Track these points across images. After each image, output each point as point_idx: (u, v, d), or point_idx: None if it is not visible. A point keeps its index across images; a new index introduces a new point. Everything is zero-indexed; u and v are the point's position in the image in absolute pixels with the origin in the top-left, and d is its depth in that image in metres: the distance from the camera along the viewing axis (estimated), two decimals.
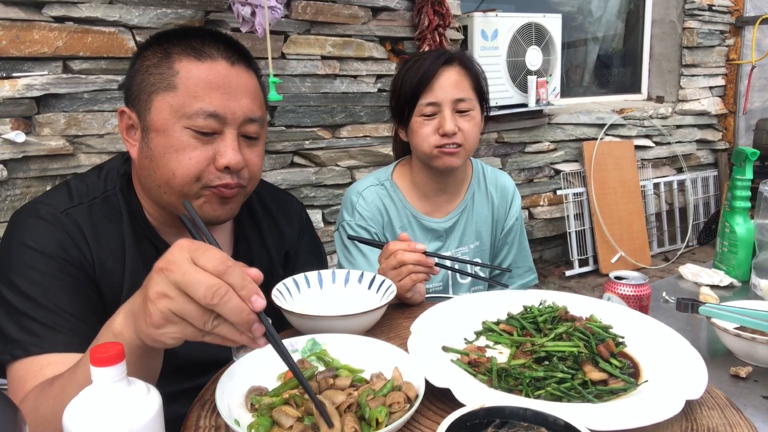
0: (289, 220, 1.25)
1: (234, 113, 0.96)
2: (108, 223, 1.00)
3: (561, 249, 4.23)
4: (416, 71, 1.44)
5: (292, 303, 1.08)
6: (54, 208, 0.98)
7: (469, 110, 1.44)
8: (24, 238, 0.95)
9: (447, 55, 1.45)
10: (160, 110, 0.94)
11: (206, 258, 0.65)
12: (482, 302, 1.10)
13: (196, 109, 0.93)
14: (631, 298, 1.22)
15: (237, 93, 0.96)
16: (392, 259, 1.16)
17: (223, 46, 0.98)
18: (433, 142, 1.43)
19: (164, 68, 0.95)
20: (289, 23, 2.81)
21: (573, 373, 0.85)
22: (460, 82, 1.43)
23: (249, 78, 1.00)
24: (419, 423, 0.77)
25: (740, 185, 1.67)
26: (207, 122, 0.94)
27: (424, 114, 1.44)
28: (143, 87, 0.96)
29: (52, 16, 2.28)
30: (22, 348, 0.88)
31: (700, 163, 4.88)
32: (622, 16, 4.76)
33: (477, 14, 3.43)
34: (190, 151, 0.94)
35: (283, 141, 2.92)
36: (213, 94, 0.94)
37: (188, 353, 1.04)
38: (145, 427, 0.64)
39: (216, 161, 0.95)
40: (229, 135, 0.96)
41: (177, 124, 0.94)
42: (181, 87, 0.94)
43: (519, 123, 3.79)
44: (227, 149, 0.95)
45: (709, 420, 0.79)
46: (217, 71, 0.95)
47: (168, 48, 0.96)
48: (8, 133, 2.21)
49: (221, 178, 0.96)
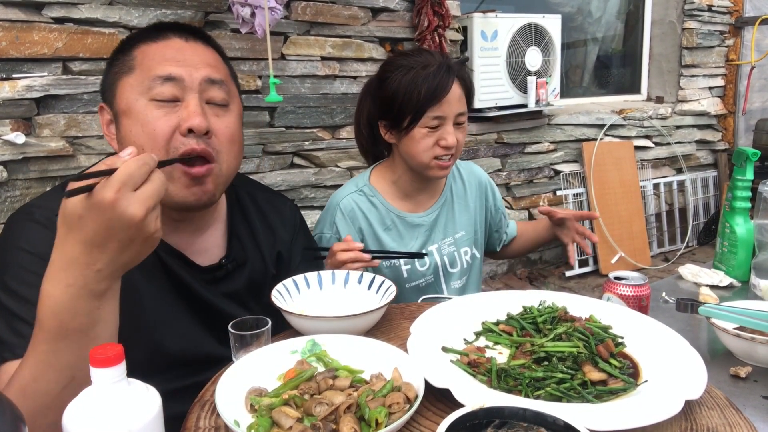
0: (282, 221, 1.26)
1: (191, 75, 0.97)
2: None
3: (561, 249, 4.23)
4: (424, 82, 1.42)
5: (291, 304, 1.08)
6: (49, 211, 0.97)
7: (464, 123, 1.51)
8: (19, 241, 0.95)
9: (452, 69, 1.46)
10: (123, 92, 0.97)
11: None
12: (482, 303, 1.10)
13: (152, 77, 0.95)
14: (630, 298, 1.23)
15: (193, 60, 0.98)
16: (334, 259, 1.29)
17: (178, 29, 1.02)
18: (433, 154, 1.47)
19: (125, 57, 0.99)
20: (289, 24, 2.82)
21: (572, 374, 0.85)
22: (461, 97, 1.48)
23: (207, 50, 1.02)
24: (419, 423, 0.77)
25: (740, 185, 1.68)
26: (164, 87, 0.95)
27: (429, 126, 1.45)
28: (111, 80, 1.00)
29: (51, 17, 2.28)
30: (10, 350, 0.88)
31: (700, 164, 4.88)
32: (622, 17, 4.76)
33: (476, 15, 3.43)
34: (154, 122, 0.94)
35: (282, 142, 2.92)
36: (168, 62, 0.96)
37: (182, 350, 1.05)
38: (145, 428, 0.64)
39: (180, 127, 0.95)
40: (191, 100, 0.96)
41: (139, 101, 0.95)
42: (138, 66, 0.97)
43: (518, 124, 3.79)
44: (189, 113, 0.95)
45: (709, 420, 0.79)
46: (171, 45, 0.98)
47: (130, 43, 1.01)
48: (8, 134, 2.21)
49: (186, 144, 0.95)
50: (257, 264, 1.18)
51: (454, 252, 1.65)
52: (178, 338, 1.05)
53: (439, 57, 1.49)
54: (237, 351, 0.92)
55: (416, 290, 1.59)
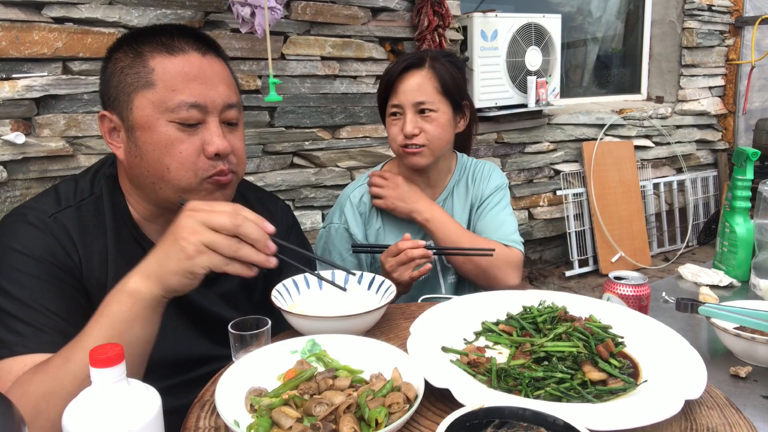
0: (274, 220, 1.25)
1: (214, 101, 0.99)
2: (95, 225, 1.03)
3: (561, 249, 4.23)
4: (386, 74, 1.56)
5: (291, 304, 1.08)
6: (42, 213, 1.00)
7: (431, 112, 1.52)
8: (12, 243, 0.96)
9: (415, 60, 1.53)
10: (142, 108, 0.97)
11: (220, 203, 0.85)
12: (482, 303, 1.10)
13: (177, 101, 0.96)
14: (630, 298, 1.22)
15: (213, 81, 1.00)
16: (402, 256, 1.36)
17: (191, 39, 1.01)
18: (399, 142, 1.54)
19: (139, 67, 0.97)
20: (289, 24, 2.82)
21: (572, 374, 0.85)
22: (422, 86, 1.51)
23: (221, 66, 1.04)
24: (419, 423, 0.77)
25: (740, 185, 1.68)
26: (190, 113, 0.97)
27: (392, 114, 1.56)
28: (121, 88, 0.98)
29: (51, 17, 2.28)
30: (7, 348, 0.89)
31: (700, 164, 4.88)
32: (622, 17, 4.76)
33: (476, 15, 3.43)
34: (179, 145, 0.97)
35: (282, 142, 2.92)
36: (191, 85, 0.97)
37: (175, 353, 1.07)
38: (145, 428, 0.64)
39: (205, 150, 0.98)
40: (212, 123, 0.99)
41: (161, 119, 0.96)
42: (159, 83, 0.96)
43: (518, 123, 3.79)
44: (213, 137, 0.98)
45: (709, 420, 0.79)
46: (191, 63, 0.98)
47: (138, 47, 0.99)
48: (8, 134, 2.21)
49: (215, 167, 1.00)
50: None
51: None
52: (171, 341, 1.05)
53: (421, 54, 1.55)
54: (237, 351, 0.92)
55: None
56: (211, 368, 1.05)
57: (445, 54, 1.61)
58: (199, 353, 1.10)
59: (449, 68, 1.55)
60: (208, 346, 1.11)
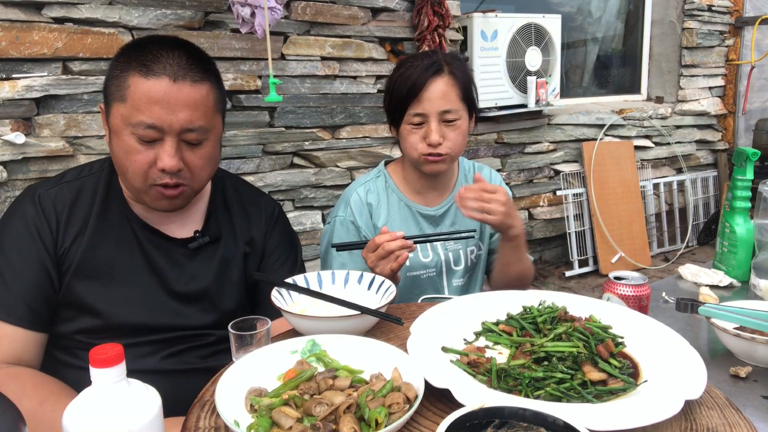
0: (259, 210, 1.36)
1: (171, 125, 1.08)
2: (89, 197, 1.19)
3: (561, 249, 4.23)
4: (406, 80, 1.48)
5: (291, 304, 1.08)
6: (41, 188, 1.18)
7: (456, 120, 1.49)
8: (20, 211, 1.17)
9: (436, 66, 1.47)
10: (114, 117, 1.10)
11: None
12: (482, 303, 1.10)
13: (137, 120, 1.07)
14: (630, 298, 1.22)
15: (176, 107, 1.08)
16: (380, 251, 1.31)
17: (174, 61, 1.09)
18: (420, 150, 1.49)
19: (121, 81, 1.09)
20: (289, 24, 2.82)
21: (572, 374, 0.85)
22: (447, 93, 1.47)
23: (192, 91, 1.10)
24: (419, 423, 0.77)
25: (740, 185, 1.68)
26: (146, 132, 1.08)
27: (412, 123, 1.49)
28: (108, 93, 1.13)
29: (51, 17, 2.28)
30: None
31: (700, 164, 4.88)
32: (622, 17, 4.76)
33: (476, 15, 3.43)
34: (136, 154, 1.10)
35: (282, 142, 2.92)
36: (153, 108, 1.07)
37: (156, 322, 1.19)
38: (145, 428, 0.64)
39: (156, 164, 1.10)
40: (168, 142, 1.10)
41: (126, 130, 1.09)
42: (129, 99, 1.08)
43: (518, 123, 3.79)
44: (164, 155, 1.10)
45: (709, 420, 0.79)
46: (159, 87, 1.07)
47: (129, 61, 1.10)
48: (8, 134, 2.21)
49: (161, 178, 1.12)
50: (229, 241, 1.29)
51: (459, 250, 1.64)
52: (142, 305, 1.18)
53: (437, 56, 1.50)
54: (237, 351, 0.92)
55: (415, 281, 1.58)
56: (179, 334, 1.20)
57: (455, 56, 1.57)
58: (168, 321, 1.19)
59: (466, 72, 1.53)
60: (177, 315, 1.21)
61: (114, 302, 1.15)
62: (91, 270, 1.15)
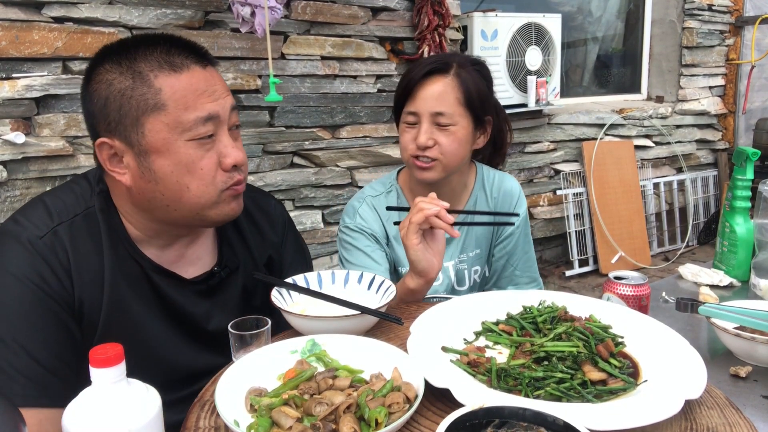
0: (271, 223, 1.25)
1: (225, 109, 0.98)
2: (89, 242, 0.99)
3: (561, 249, 4.23)
4: (405, 76, 1.44)
5: (291, 304, 1.08)
6: (34, 231, 0.95)
7: (450, 125, 1.39)
8: (1, 264, 0.92)
9: (439, 65, 1.40)
10: (156, 132, 0.93)
11: None
12: (482, 302, 1.10)
13: (193, 119, 0.94)
14: (630, 298, 1.22)
15: (219, 91, 0.99)
16: (414, 208, 1.21)
17: (187, 51, 0.98)
18: (410, 151, 1.43)
19: (144, 88, 0.93)
20: (289, 23, 2.81)
21: (572, 373, 0.85)
22: (444, 95, 1.39)
23: (218, 73, 1.02)
24: (419, 423, 0.77)
25: (741, 185, 1.67)
26: (207, 128, 0.96)
27: (406, 122, 1.44)
28: (125, 112, 0.93)
29: (51, 17, 2.28)
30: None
31: (700, 163, 4.88)
32: (622, 16, 4.76)
33: (477, 14, 3.43)
34: (199, 162, 0.96)
35: (282, 141, 2.92)
36: (201, 99, 0.95)
37: (177, 368, 1.06)
38: (145, 428, 0.64)
39: (222, 163, 0.98)
40: (223, 135, 0.99)
41: (179, 140, 0.94)
42: (170, 102, 0.93)
43: (519, 123, 3.79)
44: (228, 149, 0.99)
45: (709, 420, 0.79)
46: (197, 77, 0.96)
47: (133, 66, 0.94)
48: (8, 134, 2.21)
49: (232, 178, 1.00)
50: (249, 268, 1.18)
51: (464, 270, 1.56)
52: (173, 358, 1.07)
53: (449, 58, 1.44)
54: (237, 351, 0.92)
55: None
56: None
57: (474, 62, 1.47)
58: (204, 366, 1.08)
59: (476, 78, 1.43)
60: (211, 358, 1.09)
61: (146, 360, 0.98)
62: (119, 328, 0.99)
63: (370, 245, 1.49)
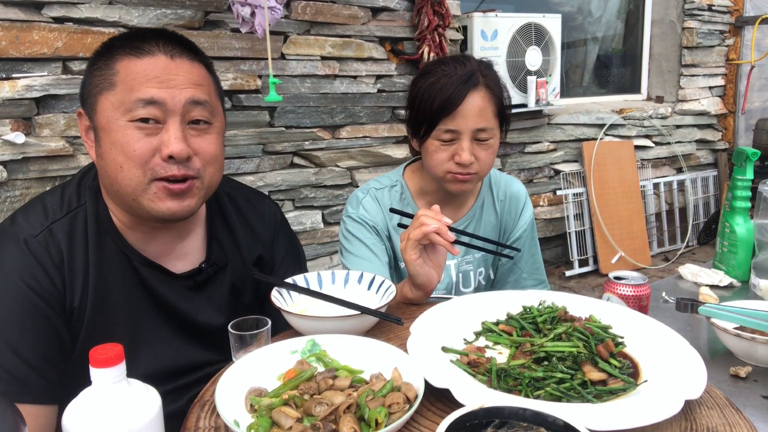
0: (263, 221, 1.24)
1: (173, 98, 0.95)
2: (83, 237, 1.01)
3: (561, 249, 4.23)
4: (439, 91, 1.34)
5: (291, 304, 1.08)
6: (30, 230, 0.97)
7: (489, 139, 1.37)
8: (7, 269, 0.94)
9: (474, 79, 1.34)
10: (103, 109, 0.96)
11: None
12: (482, 303, 1.10)
13: (134, 98, 0.93)
14: (630, 298, 1.22)
15: (177, 81, 0.96)
16: (413, 224, 1.18)
17: (165, 42, 0.98)
18: (446, 168, 1.38)
19: (105, 69, 0.97)
20: (289, 24, 2.81)
21: (572, 374, 0.85)
22: (484, 110, 1.35)
23: (192, 67, 1.00)
24: (419, 423, 0.77)
25: (740, 185, 1.67)
26: (147, 110, 0.94)
27: (441, 139, 1.36)
28: (89, 89, 0.99)
29: (51, 17, 2.28)
30: None
31: (700, 163, 4.88)
32: (622, 16, 4.76)
33: (476, 14, 3.43)
34: (134, 143, 0.94)
35: (282, 141, 2.92)
36: (150, 83, 0.94)
37: (166, 364, 1.07)
38: (145, 428, 0.64)
39: (160, 151, 0.95)
40: (172, 124, 0.95)
41: (120, 120, 0.94)
42: (120, 84, 0.95)
43: (519, 123, 3.79)
44: (170, 138, 0.94)
45: (709, 420, 0.79)
46: (155, 64, 0.95)
47: (112, 50, 0.98)
48: (8, 134, 2.21)
49: (166, 169, 0.95)
50: (238, 267, 1.17)
51: (470, 271, 1.56)
52: (161, 353, 1.07)
53: (471, 65, 1.38)
54: (237, 351, 0.92)
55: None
56: (204, 372, 1.07)
57: (488, 65, 1.43)
58: (189, 361, 1.10)
59: (499, 83, 1.40)
60: (197, 353, 1.10)
61: (133, 356, 1.00)
62: (105, 326, 1.00)
63: (371, 237, 1.47)
